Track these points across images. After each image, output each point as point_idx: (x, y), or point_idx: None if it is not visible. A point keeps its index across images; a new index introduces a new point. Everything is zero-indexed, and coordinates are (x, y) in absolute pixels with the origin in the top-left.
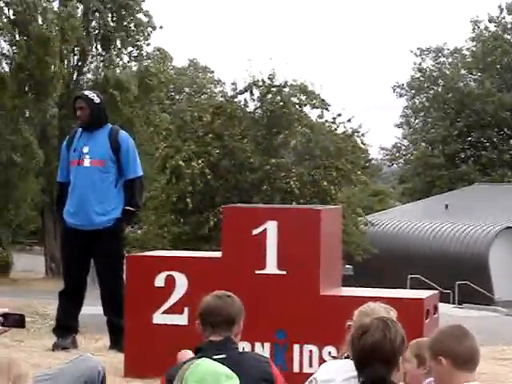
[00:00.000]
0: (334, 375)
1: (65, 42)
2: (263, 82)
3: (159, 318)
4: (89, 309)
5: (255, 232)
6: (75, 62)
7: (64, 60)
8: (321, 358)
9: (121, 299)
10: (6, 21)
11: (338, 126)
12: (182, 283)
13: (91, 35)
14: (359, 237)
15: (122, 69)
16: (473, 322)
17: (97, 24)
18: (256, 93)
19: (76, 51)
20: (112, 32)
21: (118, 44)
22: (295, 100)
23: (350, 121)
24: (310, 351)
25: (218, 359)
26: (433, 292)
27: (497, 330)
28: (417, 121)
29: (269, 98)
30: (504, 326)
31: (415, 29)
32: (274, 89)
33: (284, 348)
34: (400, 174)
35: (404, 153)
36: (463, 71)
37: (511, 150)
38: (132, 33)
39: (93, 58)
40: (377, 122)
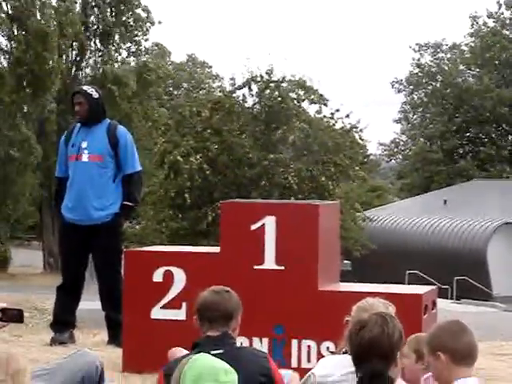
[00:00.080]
0: (332, 370)
1: (63, 36)
2: (261, 78)
3: (157, 312)
4: (87, 304)
5: (253, 227)
6: (74, 57)
7: (62, 55)
8: (319, 354)
9: (119, 294)
10: (3, 15)
11: (336, 122)
12: (180, 278)
13: (90, 30)
14: (357, 232)
15: (121, 64)
16: (471, 317)
17: (95, 19)
18: (254, 88)
19: (74, 46)
20: (111, 27)
21: (117, 39)
22: (293, 95)
23: (348, 116)
24: (309, 346)
25: (216, 354)
26: (431, 287)
27: (495, 326)
28: (415, 116)
29: (267, 94)
30: (502, 322)
31: (414, 24)
32: (272, 84)
33: (282, 343)
34: (398, 170)
35: (402, 148)
36: (462, 67)
37: (509, 145)
38: (131, 28)
39: (91, 53)
40: (375, 117)
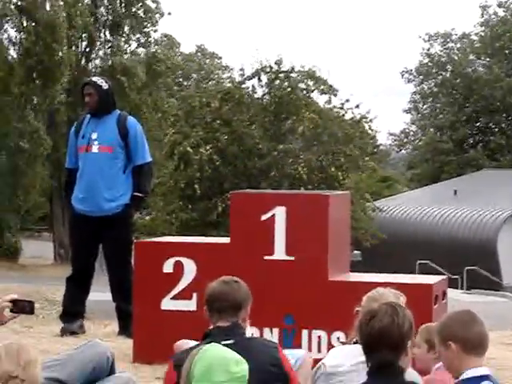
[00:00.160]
0: (342, 360)
1: (72, 27)
2: (270, 68)
3: (168, 303)
4: (97, 295)
5: (263, 218)
6: (83, 49)
7: (72, 46)
8: (329, 344)
9: (129, 285)
10: (12, 7)
11: (346, 112)
12: (190, 269)
13: (100, 21)
14: (367, 222)
15: (130, 55)
16: (481, 307)
17: (105, 10)
18: (264, 79)
19: (84, 38)
20: (121, 18)
21: (127, 30)
22: (303, 86)
23: (358, 107)
24: (319, 337)
25: (226, 345)
26: (441, 277)
27: (505, 316)
28: (425, 106)
29: (276, 84)
30: None
31: (423, 14)
32: (281, 75)
33: (292, 333)
34: (408, 160)
35: (412, 138)
36: (471, 56)
37: None
38: (140, 19)
39: (101, 44)
40: (385, 107)
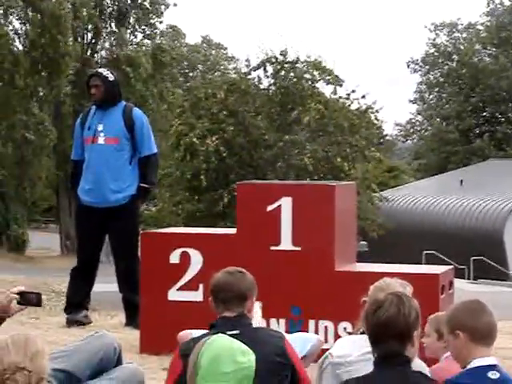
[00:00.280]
0: (349, 351)
1: (77, 18)
2: (276, 59)
3: (174, 294)
4: (104, 286)
5: (270, 208)
6: (89, 40)
7: (77, 38)
8: (336, 334)
9: (136, 276)
10: None
11: (351, 103)
12: (196, 260)
13: (106, 13)
14: (374, 213)
15: (136, 47)
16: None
17: (111, 1)
18: (269, 69)
19: (90, 29)
20: (127, 9)
21: (132, 22)
22: (308, 76)
23: (364, 97)
24: (326, 327)
25: (232, 335)
26: (448, 267)
27: None
28: (431, 96)
29: (282, 75)
30: None
31: (429, 4)
32: (287, 65)
33: (299, 324)
34: (414, 150)
35: (418, 129)
36: (477, 46)
37: None
38: (146, 11)
39: (107, 35)
40: (391, 97)
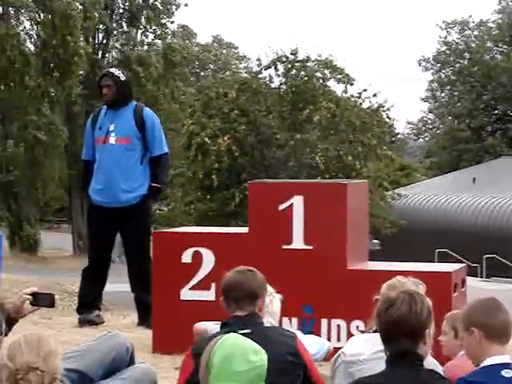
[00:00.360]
0: (362, 349)
1: (87, 19)
2: (286, 58)
3: (187, 294)
4: (116, 286)
5: (281, 207)
6: (100, 41)
7: (89, 38)
8: (349, 333)
9: (148, 276)
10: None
11: (363, 101)
12: (209, 259)
13: (117, 13)
14: (386, 210)
15: (147, 47)
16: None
17: (122, 2)
18: (280, 68)
19: (101, 29)
20: (138, 9)
21: (143, 22)
22: (319, 75)
23: (375, 95)
24: (338, 325)
25: (244, 334)
26: (461, 265)
27: None
28: (443, 94)
29: (293, 74)
30: None
31: (440, 2)
32: (297, 64)
33: (312, 323)
34: (426, 149)
35: (430, 127)
36: (489, 44)
37: None
38: (157, 11)
39: (118, 35)
40: (402, 96)
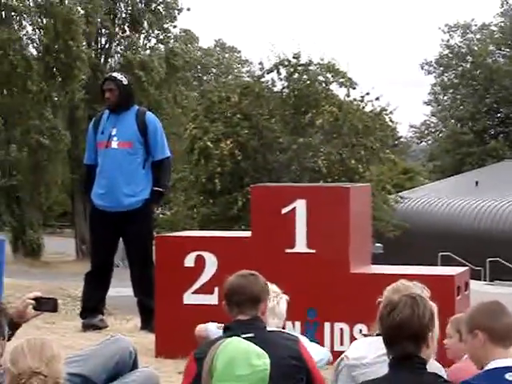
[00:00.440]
0: (365, 353)
1: (89, 23)
2: (289, 62)
3: (189, 298)
4: (119, 290)
5: (284, 211)
6: (102, 45)
7: (91, 43)
8: (352, 336)
9: (151, 280)
10: (32, 4)
11: (366, 105)
12: (211, 263)
13: (119, 18)
14: (389, 213)
15: (150, 51)
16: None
17: (125, 6)
18: (283, 72)
19: (104, 34)
20: (141, 14)
21: (146, 26)
22: (322, 78)
23: (378, 99)
24: (341, 329)
25: (247, 338)
26: (464, 269)
27: None
28: (445, 98)
29: (295, 77)
30: None
31: (443, 5)
32: (300, 68)
33: (315, 326)
34: (429, 152)
35: (433, 130)
36: (491, 47)
37: None
38: (160, 15)
39: (121, 40)
40: (405, 99)
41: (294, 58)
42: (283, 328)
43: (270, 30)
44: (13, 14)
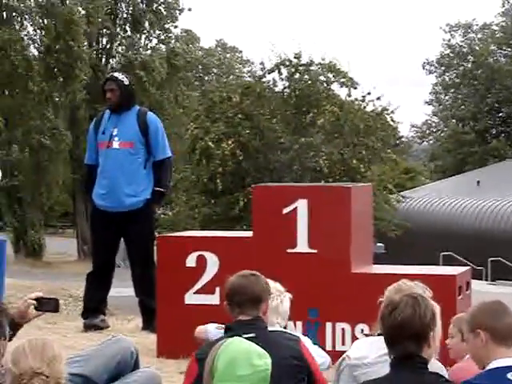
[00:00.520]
0: (366, 352)
1: (90, 23)
2: (290, 62)
3: (191, 298)
4: (121, 290)
5: (285, 211)
6: (103, 45)
7: (92, 43)
8: (353, 336)
9: (152, 280)
10: (33, 4)
11: (367, 104)
12: (213, 263)
13: (120, 18)
14: (391, 213)
15: (151, 51)
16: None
17: (126, 6)
18: (284, 72)
19: (105, 34)
20: (142, 15)
21: (147, 27)
22: (323, 78)
23: (379, 99)
24: (343, 329)
25: (247, 338)
26: (465, 268)
27: None
28: (447, 97)
29: (296, 77)
30: None
31: (444, 5)
32: (301, 68)
33: (316, 326)
34: (431, 152)
35: (434, 130)
36: (493, 47)
37: None
38: (161, 15)
39: (122, 40)
40: (406, 99)
41: (295, 57)
42: (285, 327)
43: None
44: (14, 14)
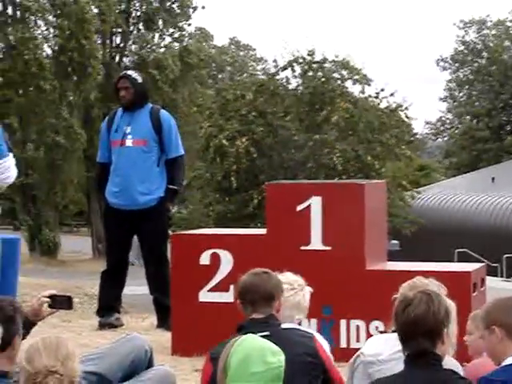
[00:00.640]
0: (381, 349)
1: (103, 22)
2: (303, 59)
3: (205, 295)
4: (136, 288)
5: (299, 208)
6: (117, 44)
7: (105, 41)
8: (368, 333)
9: (167, 278)
10: (46, 3)
11: (381, 101)
12: (227, 261)
13: (134, 16)
14: (405, 210)
15: (165, 49)
16: None
17: (139, 5)
18: (297, 69)
19: (118, 32)
20: (155, 13)
21: (160, 25)
22: (337, 75)
23: (393, 95)
24: (357, 326)
25: (262, 336)
26: (480, 265)
27: None
28: (461, 94)
29: (310, 75)
30: None
31: (458, 1)
32: (314, 65)
33: (331, 323)
34: (445, 149)
35: (449, 127)
36: (507, 43)
37: None
38: (174, 14)
39: (135, 38)
40: (421, 95)
41: (308, 55)
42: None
43: (284, 28)
44: (27, 13)
